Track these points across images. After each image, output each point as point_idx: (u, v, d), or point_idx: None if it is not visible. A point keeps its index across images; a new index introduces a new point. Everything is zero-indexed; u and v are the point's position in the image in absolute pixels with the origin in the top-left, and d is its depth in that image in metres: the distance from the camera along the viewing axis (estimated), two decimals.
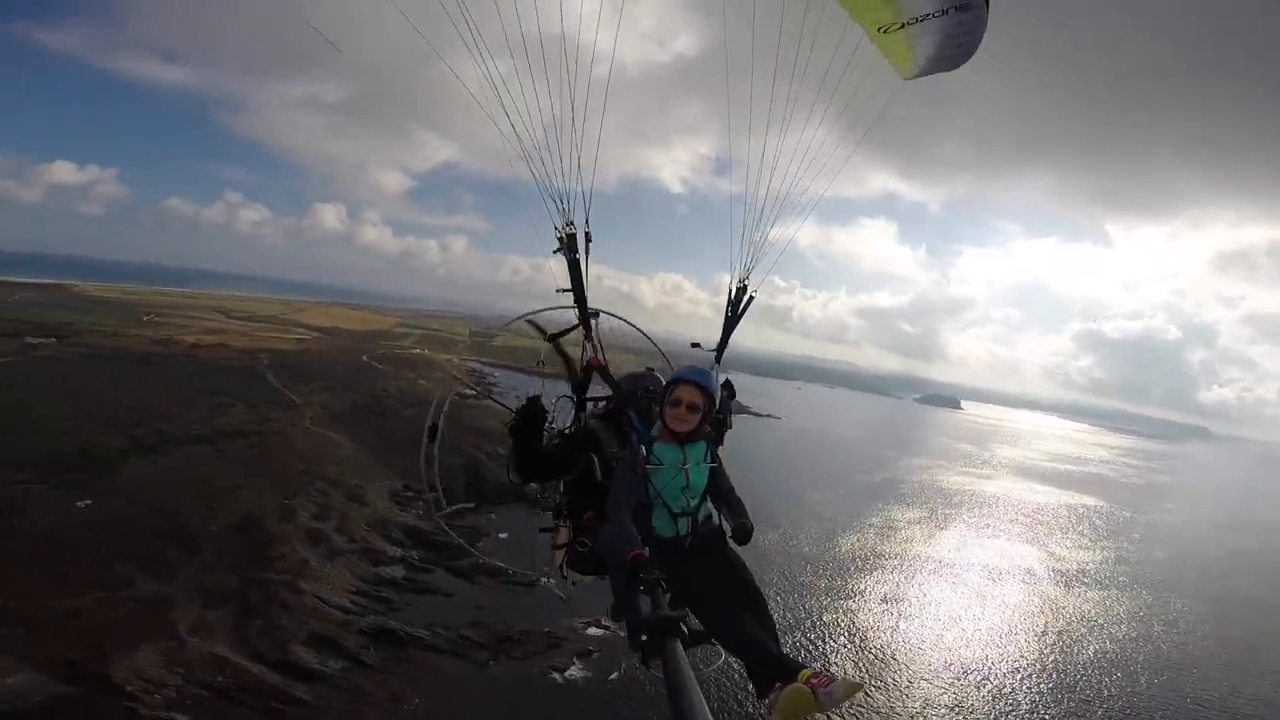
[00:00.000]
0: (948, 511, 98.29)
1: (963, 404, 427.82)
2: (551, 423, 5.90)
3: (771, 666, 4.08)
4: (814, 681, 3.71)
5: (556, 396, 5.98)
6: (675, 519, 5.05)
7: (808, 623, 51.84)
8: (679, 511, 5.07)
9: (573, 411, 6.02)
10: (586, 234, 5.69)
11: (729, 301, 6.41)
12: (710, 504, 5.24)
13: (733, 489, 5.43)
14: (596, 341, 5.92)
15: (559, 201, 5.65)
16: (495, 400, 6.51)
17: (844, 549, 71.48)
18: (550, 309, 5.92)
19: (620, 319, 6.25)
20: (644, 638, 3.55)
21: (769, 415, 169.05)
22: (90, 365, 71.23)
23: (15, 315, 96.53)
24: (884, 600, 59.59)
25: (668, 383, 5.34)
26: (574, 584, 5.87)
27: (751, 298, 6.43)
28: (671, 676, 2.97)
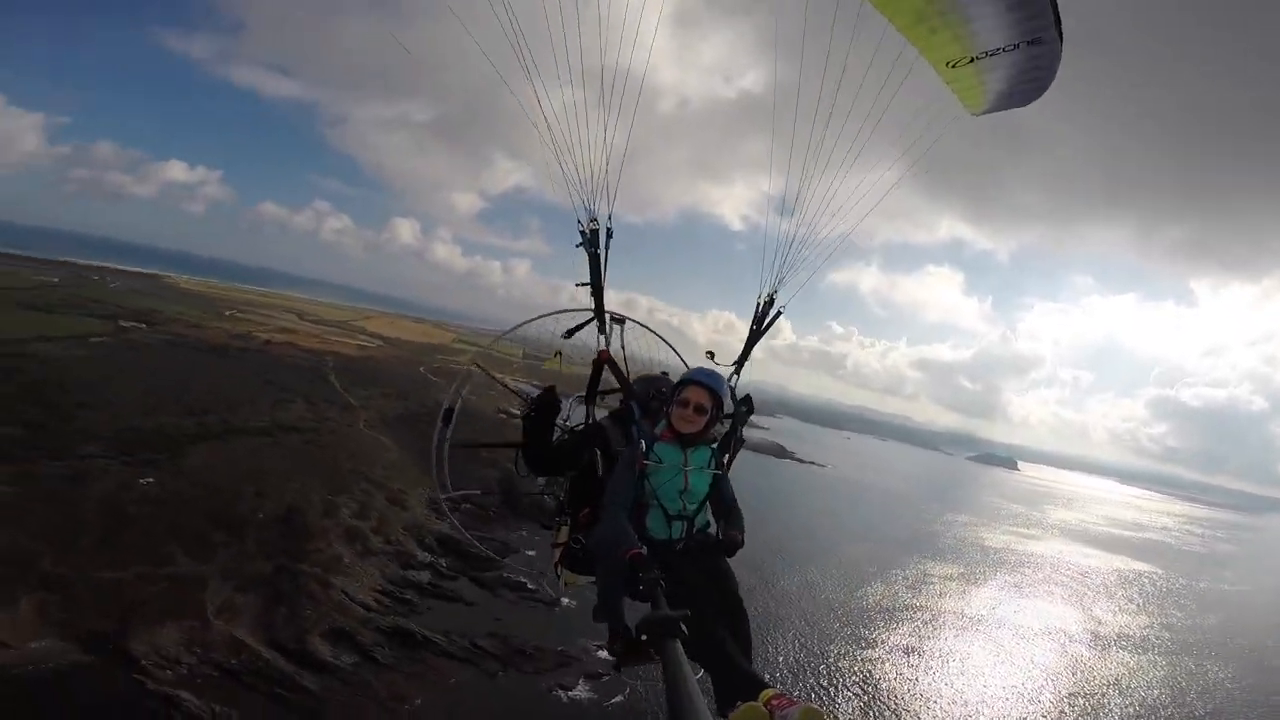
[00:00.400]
0: (986, 569, 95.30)
1: (1020, 465, 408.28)
2: (567, 419, 5.95)
3: (737, 681, 4.07)
4: (774, 702, 3.62)
5: (571, 395, 5.97)
6: (670, 521, 4.99)
7: (821, 667, 51.24)
8: (674, 514, 5.04)
9: (585, 410, 6.00)
10: (609, 229, 5.70)
11: (755, 315, 6.32)
12: (711, 514, 5.22)
13: (735, 501, 5.36)
14: (609, 338, 5.96)
15: (584, 197, 5.64)
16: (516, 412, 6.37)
17: (870, 598, 70.26)
18: (574, 309, 5.97)
19: (647, 328, 6.21)
20: (643, 637, 3.42)
21: (813, 463, 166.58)
22: (172, 352, 76.64)
23: (114, 299, 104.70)
24: (905, 651, 58.39)
25: (678, 382, 5.32)
26: (565, 584, 5.81)
27: (779, 312, 6.34)
28: (671, 677, 2.85)
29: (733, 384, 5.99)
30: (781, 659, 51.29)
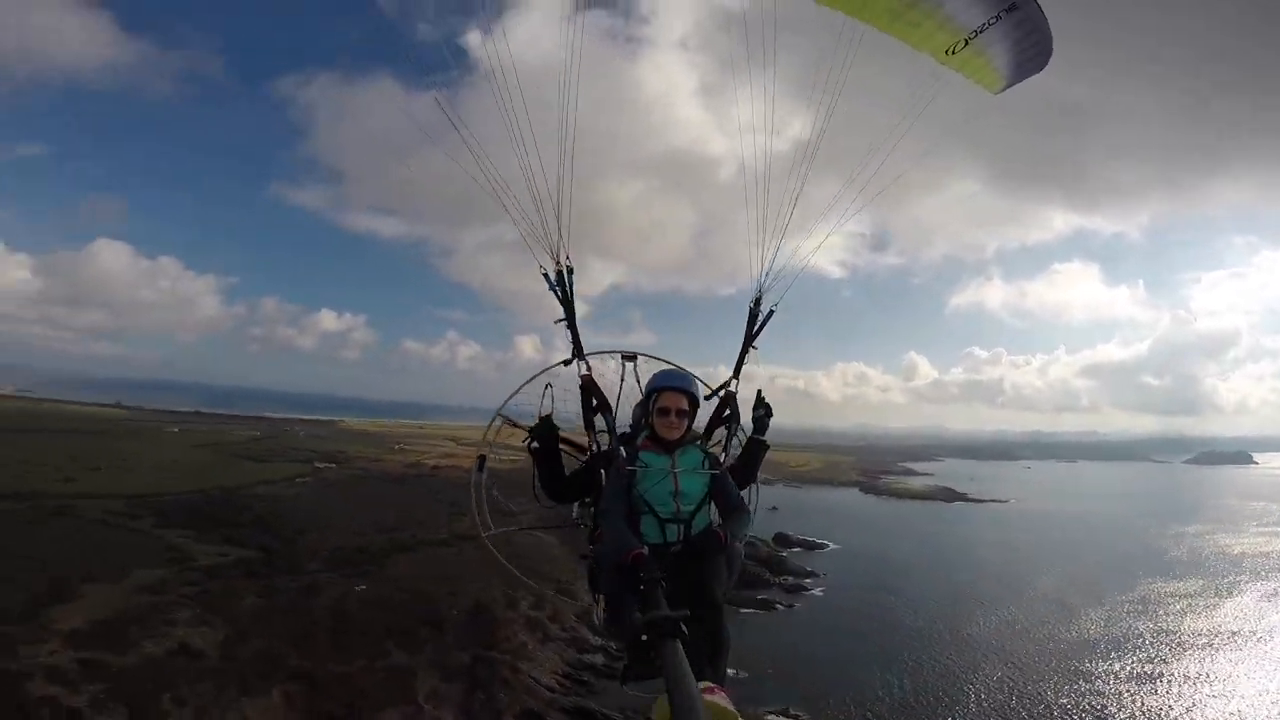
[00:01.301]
0: (1239, 578, 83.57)
1: (1256, 458, 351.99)
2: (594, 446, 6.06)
3: None
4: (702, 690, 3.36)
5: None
6: (663, 526, 4.99)
7: (1039, 708, 47.87)
8: (667, 518, 5.03)
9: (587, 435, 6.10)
10: (569, 267, 6.04)
11: (748, 318, 6.35)
12: (718, 515, 5.21)
13: (740, 500, 5.38)
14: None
15: (548, 247, 5.98)
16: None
17: (1086, 629, 64.18)
18: (604, 352, 6.31)
19: (660, 360, 6.26)
20: (643, 637, 3.38)
21: (991, 500, 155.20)
22: (360, 484, 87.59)
23: (305, 445, 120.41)
24: (1142, 680, 52.92)
25: (648, 391, 5.46)
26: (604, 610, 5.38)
27: (771, 312, 6.36)
28: (671, 678, 2.79)
29: (733, 389, 6.14)
30: (987, 703, 48.47)
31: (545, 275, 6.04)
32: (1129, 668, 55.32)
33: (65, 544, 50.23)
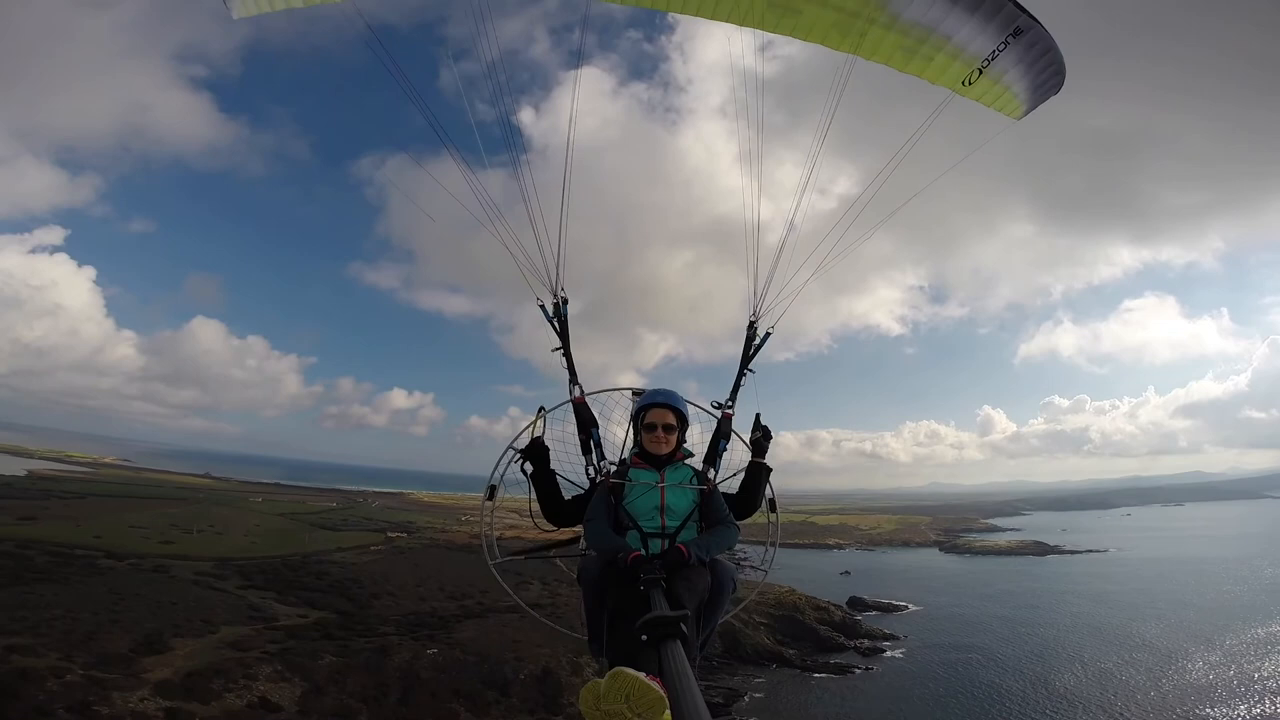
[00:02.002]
0: None
1: None
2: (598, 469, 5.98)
3: None
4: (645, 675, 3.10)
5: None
6: (646, 540, 4.96)
7: None
8: (651, 532, 5.02)
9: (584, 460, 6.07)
10: (564, 299, 6.23)
11: (745, 341, 6.41)
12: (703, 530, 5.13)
13: (725, 514, 5.28)
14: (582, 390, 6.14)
15: (546, 283, 6.21)
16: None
17: (1192, 676, 60.14)
18: (612, 390, 6.37)
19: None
20: (644, 638, 3.32)
21: (1088, 550, 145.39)
22: (430, 552, 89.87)
23: (378, 516, 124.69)
24: None
25: (637, 409, 5.56)
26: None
27: (768, 334, 6.41)
28: (672, 679, 2.79)
29: (730, 409, 6.12)
30: None
31: (542, 307, 6.25)
32: (1247, 713, 51.72)
33: (161, 600, 53.67)
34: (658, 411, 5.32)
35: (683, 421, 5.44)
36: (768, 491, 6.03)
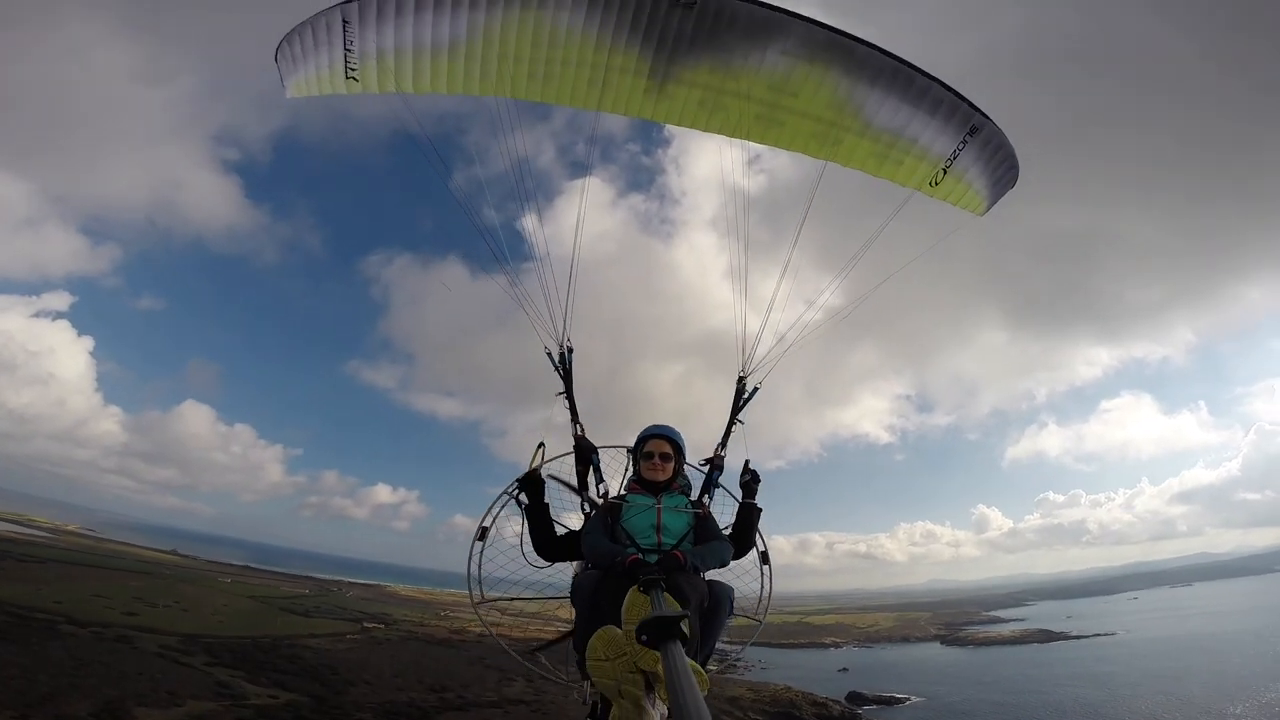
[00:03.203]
0: None
1: None
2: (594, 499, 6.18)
3: None
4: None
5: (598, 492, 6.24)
6: (644, 556, 4.96)
7: None
8: (647, 548, 5.13)
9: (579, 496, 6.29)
10: (570, 348, 6.60)
11: (735, 394, 6.75)
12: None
13: (719, 533, 5.54)
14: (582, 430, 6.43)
15: (555, 335, 6.61)
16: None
17: None
18: (612, 446, 6.62)
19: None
20: (643, 638, 3.29)
21: (1098, 634, 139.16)
22: (408, 644, 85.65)
23: (353, 606, 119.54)
24: None
25: (636, 441, 5.89)
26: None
27: (756, 389, 6.73)
28: (672, 679, 2.76)
29: (721, 455, 6.47)
30: None
31: (549, 355, 6.61)
32: None
33: (125, 669, 50.62)
34: (655, 441, 5.69)
35: (679, 454, 5.76)
36: (759, 543, 6.26)
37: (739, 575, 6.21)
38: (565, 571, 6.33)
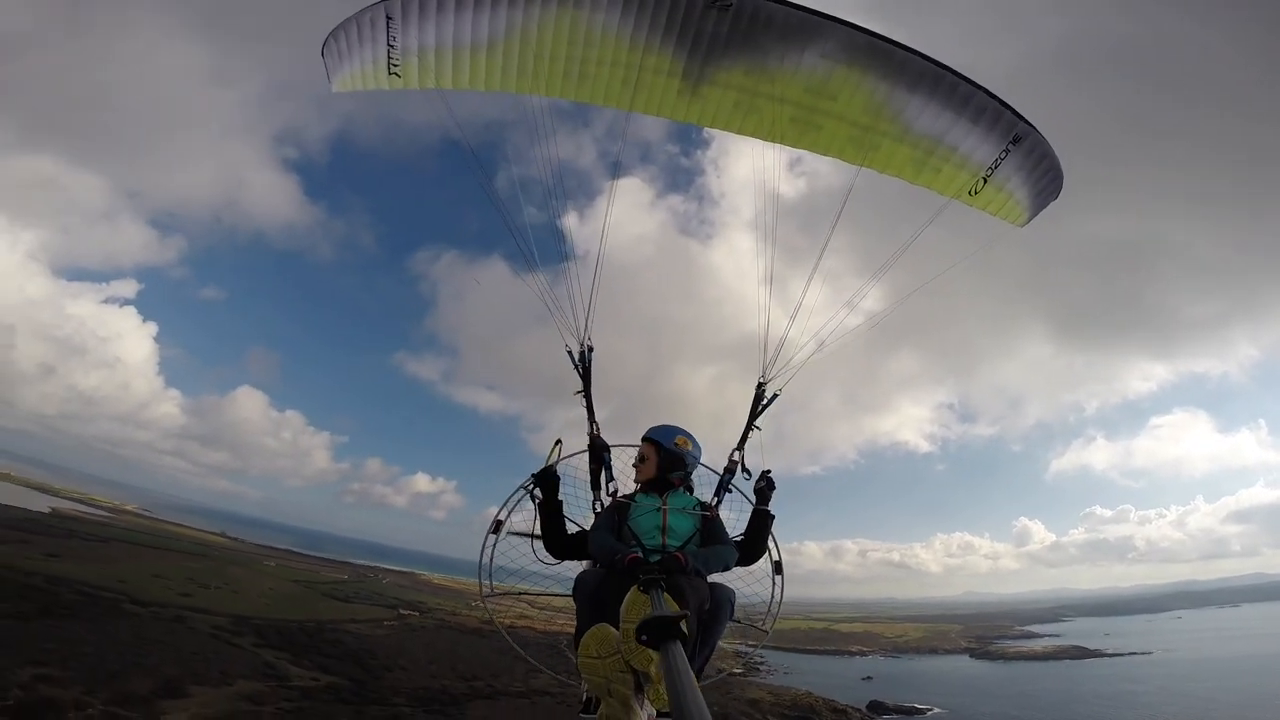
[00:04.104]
0: None
1: None
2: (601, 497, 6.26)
3: None
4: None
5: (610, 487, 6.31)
6: (647, 557, 5.00)
7: None
8: (652, 548, 5.20)
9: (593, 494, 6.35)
10: (590, 347, 6.66)
11: (753, 399, 6.75)
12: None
13: (725, 536, 5.60)
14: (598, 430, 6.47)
15: (576, 334, 6.66)
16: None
17: None
18: (627, 445, 6.46)
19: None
20: (643, 638, 3.26)
21: (1133, 653, 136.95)
22: (441, 633, 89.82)
23: (389, 593, 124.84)
24: None
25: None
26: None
27: (776, 395, 6.73)
28: (672, 679, 2.72)
29: (736, 459, 6.51)
30: None
31: (570, 353, 6.67)
32: None
33: (181, 648, 54.94)
34: (644, 445, 5.84)
35: (658, 454, 5.70)
36: (773, 552, 6.30)
37: (750, 584, 6.27)
38: (577, 569, 6.14)
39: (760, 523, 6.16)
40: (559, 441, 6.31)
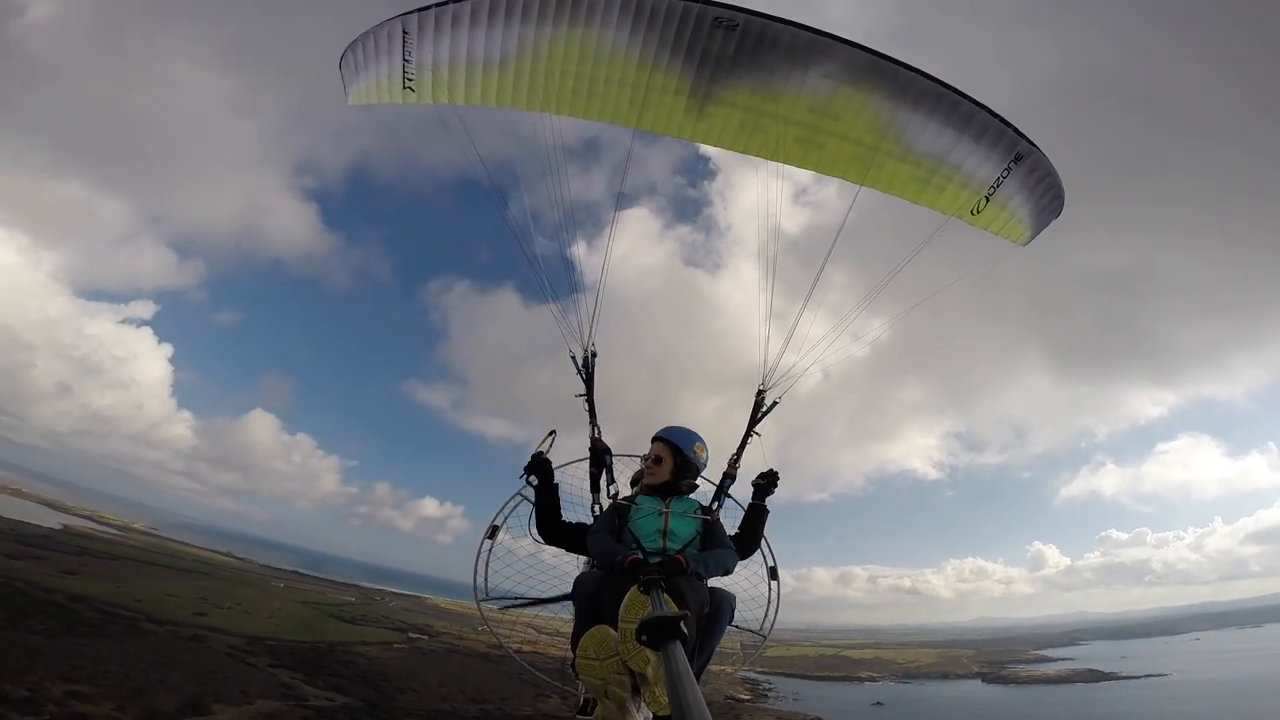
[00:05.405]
0: None
1: None
2: (600, 499, 6.27)
3: None
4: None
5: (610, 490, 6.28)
6: (648, 558, 5.02)
7: None
8: (652, 551, 5.21)
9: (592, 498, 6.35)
10: (594, 353, 6.74)
11: (753, 406, 6.77)
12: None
13: (725, 540, 5.61)
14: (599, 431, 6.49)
15: (580, 340, 6.75)
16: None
17: None
18: (631, 455, 6.61)
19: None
20: (643, 638, 3.22)
21: (1149, 675, 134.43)
22: (449, 656, 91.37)
23: (396, 616, 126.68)
24: None
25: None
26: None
27: (775, 403, 6.76)
28: (672, 680, 2.71)
29: (736, 463, 6.53)
30: None
31: (573, 358, 6.70)
32: None
33: (201, 668, 56.83)
34: (655, 445, 5.81)
35: (677, 457, 5.72)
36: (768, 558, 6.39)
37: (746, 593, 6.26)
38: (577, 571, 6.28)
39: (755, 516, 6.26)
40: (553, 432, 6.45)
